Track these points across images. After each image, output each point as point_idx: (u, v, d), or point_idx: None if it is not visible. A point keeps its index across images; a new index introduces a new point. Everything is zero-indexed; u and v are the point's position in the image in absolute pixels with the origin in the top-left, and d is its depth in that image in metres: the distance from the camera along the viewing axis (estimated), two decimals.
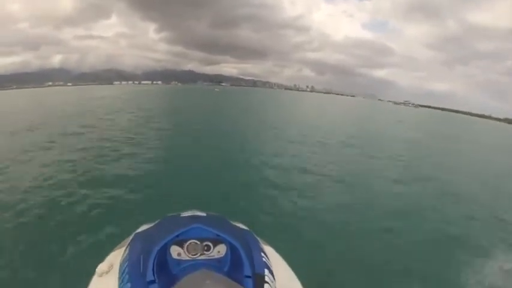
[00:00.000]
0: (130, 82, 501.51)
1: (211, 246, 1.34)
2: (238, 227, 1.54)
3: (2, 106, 39.20)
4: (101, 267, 1.34)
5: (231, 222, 1.55)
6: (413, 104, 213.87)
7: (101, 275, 1.33)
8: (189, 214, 1.49)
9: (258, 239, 1.49)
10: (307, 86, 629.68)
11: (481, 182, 12.44)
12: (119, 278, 1.20)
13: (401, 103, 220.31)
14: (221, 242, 1.34)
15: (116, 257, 1.38)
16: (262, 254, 1.32)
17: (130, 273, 1.15)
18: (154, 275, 1.13)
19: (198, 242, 1.32)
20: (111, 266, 1.34)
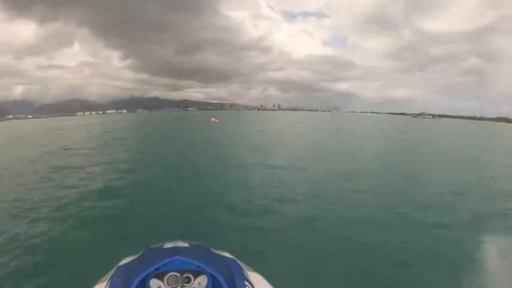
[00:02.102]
0: (94, 112, 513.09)
1: (192, 278, 1.26)
2: (222, 256, 1.46)
3: None
4: None
5: (214, 251, 1.47)
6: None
7: None
8: (171, 245, 1.40)
9: (243, 266, 1.40)
10: (274, 105, 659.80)
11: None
12: None
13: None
14: (202, 274, 1.26)
15: None
16: (246, 283, 1.23)
17: None
18: None
19: (179, 275, 1.24)
20: None
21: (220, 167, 15.98)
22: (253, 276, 1.37)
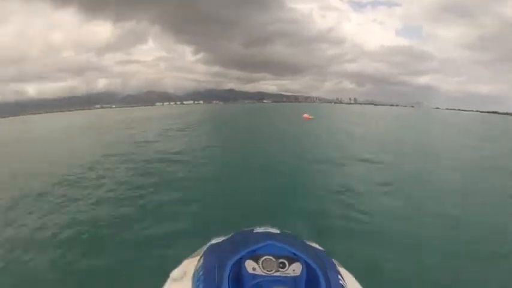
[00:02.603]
0: (172, 103, 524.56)
1: (287, 264, 1.16)
2: (313, 247, 1.36)
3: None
4: (176, 273, 1.28)
5: (305, 241, 1.37)
6: None
7: (175, 280, 1.26)
8: (263, 230, 1.33)
9: (333, 260, 1.31)
10: (350, 99, 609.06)
11: None
12: (193, 286, 1.13)
13: None
14: (297, 261, 1.17)
15: (189, 265, 1.29)
16: (339, 276, 1.17)
17: (205, 283, 1.08)
18: (229, 285, 1.04)
19: (273, 259, 1.17)
20: (184, 273, 1.27)
21: (317, 161, 13.76)
22: (343, 272, 1.27)
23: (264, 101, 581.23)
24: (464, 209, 8.36)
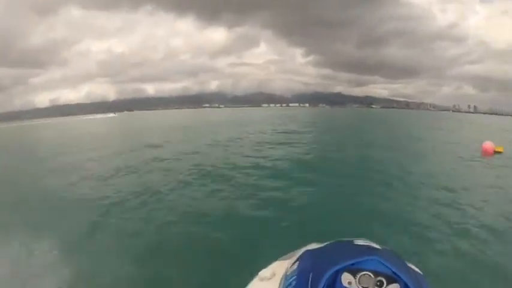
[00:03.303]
0: (278, 105, 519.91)
1: (385, 283, 1.18)
2: (412, 268, 1.36)
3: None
4: (264, 273, 1.35)
5: (405, 261, 1.36)
6: None
7: (262, 280, 1.33)
8: (362, 243, 1.35)
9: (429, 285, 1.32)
10: (469, 106, 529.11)
11: None
12: (280, 287, 1.21)
13: None
14: (395, 281, 1.18)
15: (279, 267, 1.38)
16: None
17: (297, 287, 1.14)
18: None
19: (372, 276, 1.18)
20: (273, 274, 1.34)
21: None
22: None
23: (373, 106, 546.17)
24: None
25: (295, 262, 1.26)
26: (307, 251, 1.34)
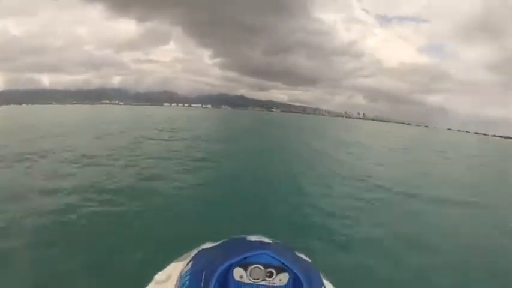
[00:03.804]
0: (180, 104, 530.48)
1: (274, 273, 1.14)
2: (302, 258, 1.33)
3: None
4: (159, 276, 1.27)
5: (295, 252, 1.34)
6: None
7: (158, 283, 1.25)
8: (255, 239, 1.29)
9: (319, 272, 1.26)
10: (359, 113, 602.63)
11: None
12: None
13: None
14: (284, 271, 1.14)
15: (175, 269, 1.29)
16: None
17: (190, 287, 1.10)
18: None
19: (262, 268, 1.14)
20: (169, 277, 1.26)
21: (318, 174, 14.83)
22: (326, 284, 1.27)
23: (273, 109, 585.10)
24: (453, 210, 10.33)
25: (189, 262, 1.23)
26: (201, 250, 1.33)
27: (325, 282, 1.22)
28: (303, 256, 1.32)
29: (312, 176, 13.79)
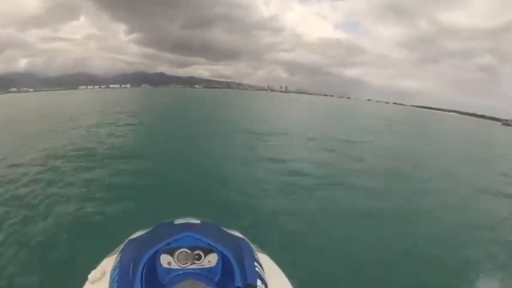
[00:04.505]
0: (97, 86, 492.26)
1: (202, 256, 1.27)
2: (232, 235, 1.47)
3: None
4: (94, 274, 1.30)
5: (225, 229, 1.47)
6: None
7: (93, 282, 1.28)
8: (183, 221, 1.40)
9: (253, 246, 1.41)
10: (281, 87, 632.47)
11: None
12: (109, 286, 1.16)
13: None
14: (212, 251, 1.27)
15: (108, 264, 1.33)
16: (256, 264, 1.26)
17: (119, 282, 1.11)
18: (142, 284, 1.09)
19: (189, 251, 1.26)
20: (104, 273, 1.29)
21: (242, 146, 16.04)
22: (262, 258, 1.36)
23: (195, 86, 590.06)
24: (372, 192, 10.11)
25: (119, 255, 1.26)
26: (129, 240, 1.38)
27: (261, 255, 1.38)
28: (236, 233, 1.48)
29: (239, 155, 13.89)
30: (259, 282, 1.17)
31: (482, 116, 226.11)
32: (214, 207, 7.08)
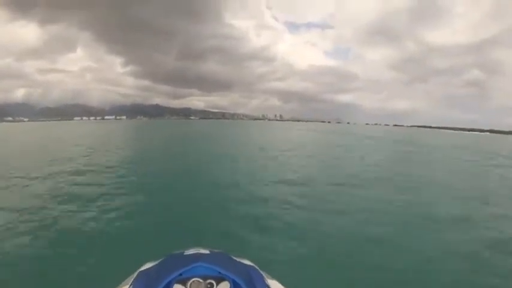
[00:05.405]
0: (92, 118, 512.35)
1: (215, 284, 1.19)
2: (242, 263, 1.36)
3: None
4: None
5: (234, 258, 1.37)
6: None
7: None
8: (193, 252, 1.33)
9: (263, 274, 1.31)
10: (275, 115, 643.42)
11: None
12: None
13: None
14: (224, 280, 1.19)
15: None
16: None
17: None
18: None
19: (201, 280, 1.18)
20: None
21: (245, 176, 14.74)
22: (273, 284, 1.30)
23: (191, 117, 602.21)
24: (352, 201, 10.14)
25: (130, 286, 1.18)
26: (140, 272, 1.29)
27: (272, 282, 1.30)
28: (245, 261, 1.37)
29: (252, 181, 13.37)
30: None
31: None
32: (222, 235, 7.15)
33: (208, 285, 1.18)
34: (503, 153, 37.04)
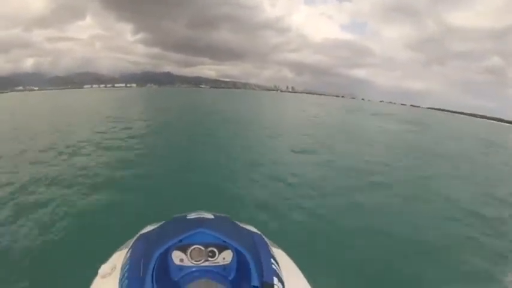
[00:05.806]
0: (102, 86, 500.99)
1: (217, 252, 1.21)
2: (247, 230, 1.40)
3: None
4: (104, 269, 1.26)
5: (239, 224, 1.41)
6: None
7: (103, 277, 1.24)
8: (196, 216, 1.32)
9: (268, 242, 1.36)
10: (287, 87, 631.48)
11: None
12: (119, 281, 1.13)
13: None
14: (227, 248, 1.22)
15: (119, 258, 1.30)
16: (272, 261, 1.20)
17: (130, 278, 1.08)
18: (153, 281, 1.06)
19: (203, 248, 1.20)
20: (114, 268, 1.25)
21: (256, 142, 15.92)
22: (277, 253, 1.31)
23: (202, 86, 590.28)
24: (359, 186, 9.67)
25: (129, 249, 1.22)
26: (140, 235, 1.32)
27: (276, 251, 1.31)
28: (251, 228, 1.40)
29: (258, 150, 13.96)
30: (275, 280, 1.10)
31: None
32: (228, 199, 7.11)
33: (210, 254, 1.17)
34: None
